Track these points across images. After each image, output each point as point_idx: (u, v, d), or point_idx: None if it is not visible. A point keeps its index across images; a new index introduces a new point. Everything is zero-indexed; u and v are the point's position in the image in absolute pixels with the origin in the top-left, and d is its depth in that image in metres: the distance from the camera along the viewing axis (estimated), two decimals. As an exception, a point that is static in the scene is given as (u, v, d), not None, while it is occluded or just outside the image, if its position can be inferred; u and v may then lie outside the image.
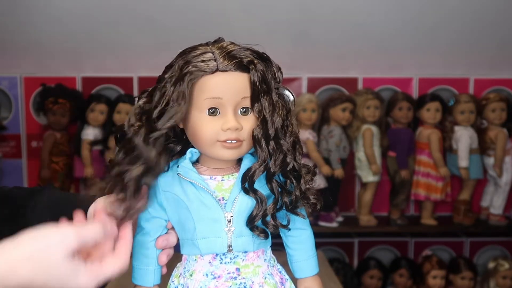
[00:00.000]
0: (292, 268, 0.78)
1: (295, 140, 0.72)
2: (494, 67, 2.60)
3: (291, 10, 2.35)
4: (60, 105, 2.32)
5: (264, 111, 0.68)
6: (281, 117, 0.69)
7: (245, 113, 0.69)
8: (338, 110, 2.35)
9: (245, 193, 0.70)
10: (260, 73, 0.68)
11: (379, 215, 2.59)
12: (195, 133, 0.69)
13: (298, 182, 0.71)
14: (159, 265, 0.74)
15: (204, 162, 0.73)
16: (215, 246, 0.70)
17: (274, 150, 0.69)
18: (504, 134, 2.43)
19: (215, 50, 0.68)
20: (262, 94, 0.68)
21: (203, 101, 0.67)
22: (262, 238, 0.71)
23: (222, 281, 0.72)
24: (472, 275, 2.48)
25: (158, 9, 2.32)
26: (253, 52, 0.69)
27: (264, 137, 0.68)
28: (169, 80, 0.67)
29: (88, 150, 2.34)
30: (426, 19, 2.42)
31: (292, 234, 0.76)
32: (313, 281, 0.77)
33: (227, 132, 0.68)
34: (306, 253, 0.77)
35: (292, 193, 0.71)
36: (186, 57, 0.68)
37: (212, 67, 0.66)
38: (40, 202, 0.74)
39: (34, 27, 2.36)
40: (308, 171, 0.73)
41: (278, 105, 0.70)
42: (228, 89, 0.67)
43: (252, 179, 0.69)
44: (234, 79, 0.67)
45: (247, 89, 0.68)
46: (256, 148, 0.69)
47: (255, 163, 0.69)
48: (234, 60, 0.67)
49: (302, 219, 0.75)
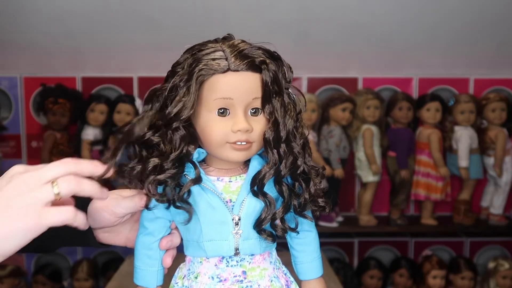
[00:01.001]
0: (296, 269, 0.77)
1: (305, 142, 0.70)
2: (494, 67, 2.60)
3: (291, 10, 2.35)
4: (60, 105, 2.32)
5: (276, 113, 0.66)
6: (292, 119, 0.68)
7: (255, 114, 0.67)
8: (338, 110, 2.35)
9: (254, 195, 0.68)
10: (272, 73, 0.66)
11: (379, 215, 2.59)
12: (204, 133, 0.67)
13: (308, 184, 0.70)
14: (162, 266, 0.73)
15: (211, 162, 0.71)
16: (222, 249, 0.69)
17: (284, 153, 0.67)
18: (504, 134, 2.43)
19: (226, 48, 0.66)
20: (274, 95, 0.67)
21: (213, 101, 0.65)
22: (269, 241, 0.70)
23: (228, 284, 0.70)
24: (472, 275, 2.48)
25: (158, 9, 2.31)
26: (265, 52, 0.67)
27: (276, 140, 0.67)
28: (178, 79, 0.65)
29: (88, 150, 2.34)
30: (426, 19, 2.42)
31: (298, 236, 0.74)
32: (317, 283, 0.76)
33: (237, 133, 0.66)
34: (311, 255, 0.75)
35: (301, 196, 0.70)
36: (195, 55, 0.66)
37: (223, 67, 0.64)
38: None
39: (34, 27, 2.36)
40: (317, 173, 0.71)
41: (290, 107, 0.68)
42: (239, 89, 0.65)
43: (262, 182, 0.67)
44: (246, 79, 0.65)
45: (259, 89, 0.66)
46: (267, 150, 0.67)
47: (265, 166, 0.68)
48: (246, 60, 0.65)
49: (309, 221, 0.73)
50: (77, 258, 2.57)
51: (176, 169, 0.66)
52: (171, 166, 0.66)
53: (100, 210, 0.74)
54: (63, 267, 2.59)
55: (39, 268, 2.52)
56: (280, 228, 0.69)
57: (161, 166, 0.66)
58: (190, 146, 0.67)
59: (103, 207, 0.74)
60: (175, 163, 0.66)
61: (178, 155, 0.66)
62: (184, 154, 0.66)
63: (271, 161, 0.67)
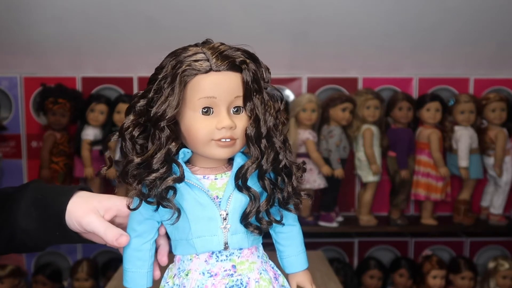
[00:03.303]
0: (282, 264, 0.80)
1: (285, 138, 0.74)
2: (494, 67, 2.60)
3: (291, 10, 2.35)
4: (60, 105, 2.32)
5: (256, 110, 0.70)
6: (272, 116, 0.71)
7: (237, 112, 0.71)
8: (338, 110, 2.35)
9: (238, 190, 0.71)
10: (252, 73, 0.69)
11: (379, 215, 2.59)
12: (189, 132, 0.70)
13: (290, 178, 0.73)
14: (151, 268, 0.75)
15: (196, 162, 0.74)
16: (212, 244, 0.71)
17: (266, 148, 0.71)
18: (504, 134, 2.43)
19: (207, 50, 0.69)
20: (254, 93, 0.70)
21: (197, 100, 0.68)
22: (256, 234, 0.73)
23: (219, 278, 0.72)
24: (472, 275, 2.48)
25: (158, 9, 2.31)
26: (244, 52, 0.70)
27: (257, 136, 0.70)
28: (162, 80, 0.68)
29: (88, 150, 2.34)
30: (426, 19, 2.42)
31: (283, 231, 0.78)
32: (303, 276, 0.80)
33: (222, 130, 0.69)
34: (296, 249, 0.79)
35: (284, 190, 0.73)
36: (178, 57, 0.69)
37: (206, 67, 0.68)
38: (25, 196, 0.75)
39: (34, 27, 2.37)
40: (298, 167, 0.75)
41: (269, 104, 0.72)
42: (222, 88, 0.68)
43: (245, 177, 0.70)
44: (227, 78, 0.69)
45: (240, 88, 0.70)
46: (249, 146, 0.71)
47: (248, 161, 0.71)
48: (227, 60, 0.68)
49: (293, 215, 0.77)
50: (77, 258, 2.57)
51: (164, 169, 0.69)
52: (159, 166, 0.69)
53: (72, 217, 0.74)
54: (63, 267, 2.59)
55: (39, 268, 2.52)
56: (265, 221, 0.73)
57: (149, 166, 0.69)
58: (172, 144, 0.69)
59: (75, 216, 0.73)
60: (162, 162, 0.69)
61: (165, 154, 0.69)
62: (166, 151, 0.69)
63: (253, 156, 0.70)
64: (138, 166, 0.69)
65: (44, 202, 0.74)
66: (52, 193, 0.75)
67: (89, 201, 0.74)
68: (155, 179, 0.68)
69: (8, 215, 0.74)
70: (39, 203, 0.74)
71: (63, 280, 2.57)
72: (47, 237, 0.75)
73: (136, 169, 0.69)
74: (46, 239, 0.76)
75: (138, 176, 0.69)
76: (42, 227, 0.74)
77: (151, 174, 0.68)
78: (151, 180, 0.68)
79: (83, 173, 2.37)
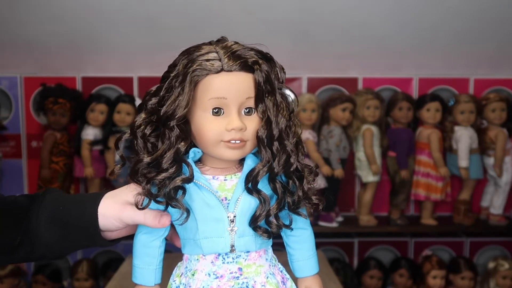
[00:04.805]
0: (292, 267, 0.78)
1: (298, 140, 0.72)
2: (494, 67, 2.60)
3: (291, 10, 2.35)
4: (60, 105, 2.32)
5: (268, 112, 0.68)
6: (285, 117, 0.70)
7: (248, 113, 0.69)
8: (338, 110, 2.35)
9: (248, 193, 0.70)
10: (265, 74, 0.68)
11: (379, 215, 2.59)
12: (199, 132, 0.69)
13: (301, 182, 0.72)
14: (161, 265, 0.75)
15: (207, 161, 0.73)
16: (218, 245, 0.71)
17: (278, 151, 0.69)
18: (504, 134, 2.43)
19: (220, 49, 0.68)
20: (267, 94, 0.69)
21: (207, 101, 0.67)
22: (264, 238, 0.72)
23: (225, 280, 0.72)
24: (472, 275, 2.48)
25: (158, 9, 2.31)
26: (258, 52, 0.69)
27: (268, 138, 0.69)
28: (174, 79, 0.67)
29: (88, 150, 2.34)
30: (426, 19, 2.42)
31: (294, 234, 0.76)
32: (313, 280, 0.78)
33: (232, 132, 0.68)
34: (307, 253, 0.77)
35: (294, 193, 0.71)
36: (190, 56, 0.68)
37: (217, 67, 0.67)
38: (43, 207, 0.74)
39: (34, 27, 2.36)
40: (310, 171, 0.73)
41: (282, 106, 0.70)
42: (233, 89, 0.67)
43: (256, 180, 0.69)
44: (239, 79, 0.68)
45: (252, 89, 0.68)
46: (260, 148, 0.69)
47: (259, 164, 0.69)
48: (239, 60, 0.67)
49: (304, 219, 0.75)
50: (77, 258, 2.56)
51: (174, 168, 0.68)
52: (169, 166, 0.68)
53: (110, 218, 0.73)
54: (63, 267, 2.59)
55: (39, 268, 2.52)
56: (275, 225, 0.71)
57: (159, 165, 0.68)
58: (181, 144, 0.68)
59: (113, 215, 0.73)
60: (172, 162, 0.68)
61: (174, 153, 0.68)
62: (175, 151, 0.68)
63: (264, 159, 0.69)
64: (147, 165, 0.69)
65: (66, 213, 0.73)
66: (73, 203, 0.74)
67: (117, 198, 0.73)
68: (164, 179, 0.68)
69: (27, 231, 0.72)
70: (60, 215, 0.73)
71: (63, 280, 2.57)
72: (69, 247, 0.74)
73: (145, 168, 0.69)
74: (68, 248, 0.75)
75: (148, 175, 0.68)
76: (64, 239, 0.73)
77: (160, 173, 0.68)
78: (160, 180, 0.68)
79: (83, 173, 2.37)
